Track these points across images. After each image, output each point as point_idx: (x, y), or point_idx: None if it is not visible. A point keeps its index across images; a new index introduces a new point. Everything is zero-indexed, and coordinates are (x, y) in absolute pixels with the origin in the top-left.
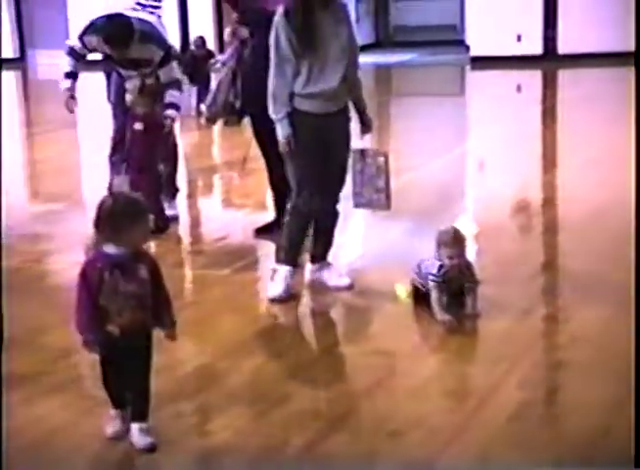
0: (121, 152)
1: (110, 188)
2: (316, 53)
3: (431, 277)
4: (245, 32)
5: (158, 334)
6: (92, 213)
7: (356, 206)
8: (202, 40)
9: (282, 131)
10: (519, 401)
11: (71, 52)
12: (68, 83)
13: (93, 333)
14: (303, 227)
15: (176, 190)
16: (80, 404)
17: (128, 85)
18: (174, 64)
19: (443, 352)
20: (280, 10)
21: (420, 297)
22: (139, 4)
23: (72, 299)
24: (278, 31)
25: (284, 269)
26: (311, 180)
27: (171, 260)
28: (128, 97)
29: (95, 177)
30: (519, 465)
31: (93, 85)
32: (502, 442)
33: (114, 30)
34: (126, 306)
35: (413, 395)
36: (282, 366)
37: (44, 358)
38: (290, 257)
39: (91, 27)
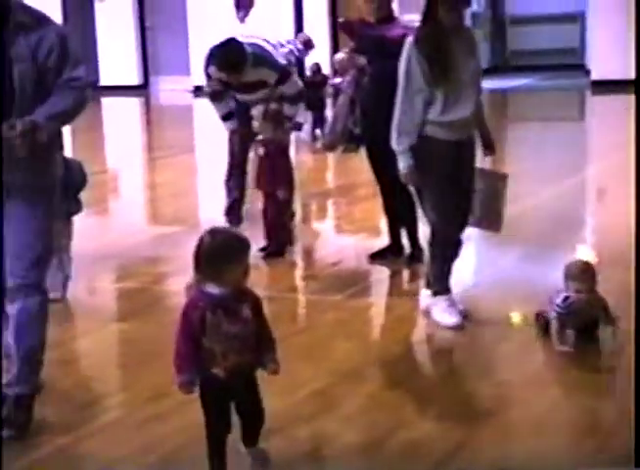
0: (237, 177)
1: (226, 213)
2: (450, 80)
3: (554, 308)
4: (362, 60)
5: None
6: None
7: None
8: (317, 66)
9: (404, 162)
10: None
11: (212, 95)
12: (231, 124)
13: (191, 375)
14: (448, 255)
15: (292, 215)
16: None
17: (254, 111)
18: (295, 77)
19: (564, 383)
20: (410, 39)
21: (547, 327)
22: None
23: None
24: (410, 61)
25: (446, 298)
26: (448, 208)
27: (286, 285)
28: (255, 123)
29: (212, 201)
30: None
31: (210, 111)
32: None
33: (226, 56)
34: (231, 348)
35: (532, 427)
36: (397, 394)
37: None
38: (445, 285)
39: (210, 59)
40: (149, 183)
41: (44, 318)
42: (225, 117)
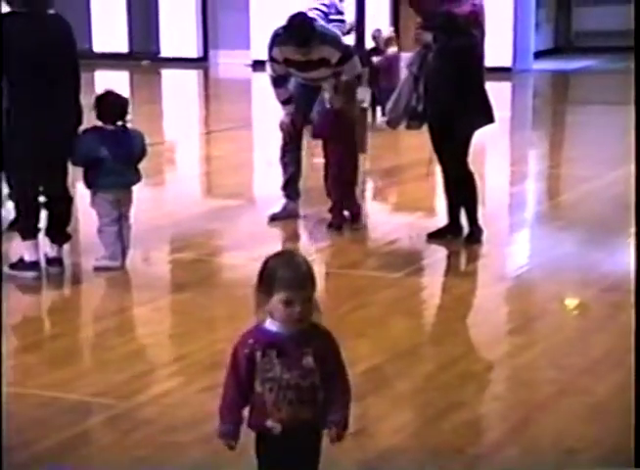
0: (292, 153)
1: (283, 188)
2: None
3: None
4: (428, 37)
5: None
6: (264, 212)
7: None
8: (380, 34)
9: None
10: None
11: (275, 80)
12: (288, 109)
13: (233, 424)
14: None
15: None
16: None
17: (325, 85)
18: (356, 59)
19: (624, 369)
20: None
21: None
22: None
23: (244, 295)
24: None
25: None
26: None
27: (345, 261)
28: (326, 95)
29: (269, 176)
30: None
31: (267, 86)
32: None
33: (298, 30)
34: (283, 399)
35: (592, 411)
36: (453, 374)
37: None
38: None
39: (275, 39)
40: (205, 156)
41: None
42: (285, 102)
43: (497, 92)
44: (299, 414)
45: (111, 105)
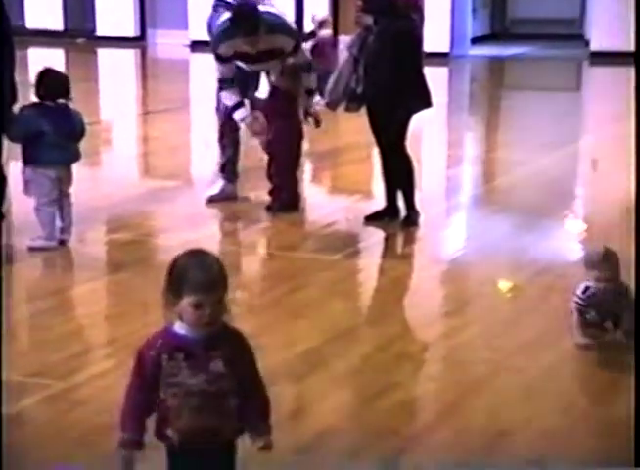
0: (230, 134)
1: (221, 170)
2: None
3: (574, 298)
4: (369, 19)
5: None
6: (202, 193)
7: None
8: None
9: None
10: (632, 407)
11: (222, 83)
12: (240, 113)
13: (135, 433)
14: None
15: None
16: None
17: (271, 68)
18: (304, 47)
19: (556, 351)
20: None
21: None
22: None
23: None
24: None
25: None
26: None
27: (283, 243)
28: (272, 78)
29: (206, 158)
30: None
31: (206, 67)
32: (619, 447)
33: (241, 18)
34: (186, 406)
35: (524, 392)
36: (390, 355)
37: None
38: None
39: (221, 36)
40: (143, 137)
41: None
42: (235, 107)
43: (435, 77)
44: (201, 422)
45: (51, 82)
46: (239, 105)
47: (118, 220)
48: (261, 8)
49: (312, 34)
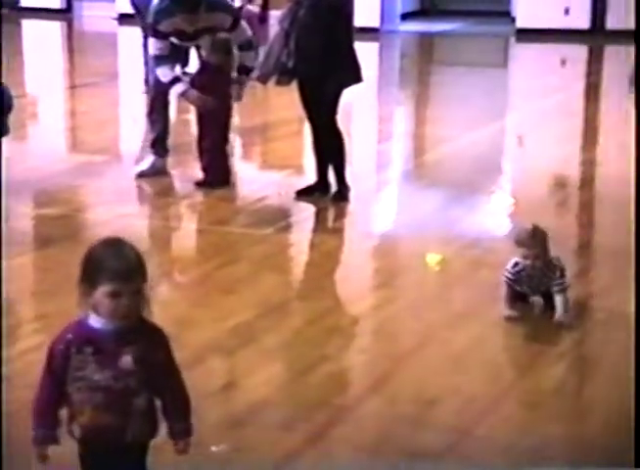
0: (160, 110)
1: (152, 145)
2: None
3: (505, 272)
4: None
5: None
6: (131, 168)
7: None
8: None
9: None
10: (557, 376)
11: (159, 59)
12: (179, 87)
13: (47, 429)
14: None
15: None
16: None
17: (202, 43)
18: (244, 24)
19: (483, 322)
20: None
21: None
22: None
23: None
24: None
25: None
26: None
27: (214, 218)
28: (203, 52)
29: (135, 132)
30: (554, 438)
31: (134, 40)
32: (538, 415)
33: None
34: (89, 401)
35: (452, 363)
36: (321, 328)
37: None
38: None
39: (161, 14)
40: (70, 111)
41: None
42: (172, 82)
43: (365, 52)
44: (104, 420)
45: None
46: (176, 80)
47: (47, 195)
48: None
49: (240, 9)
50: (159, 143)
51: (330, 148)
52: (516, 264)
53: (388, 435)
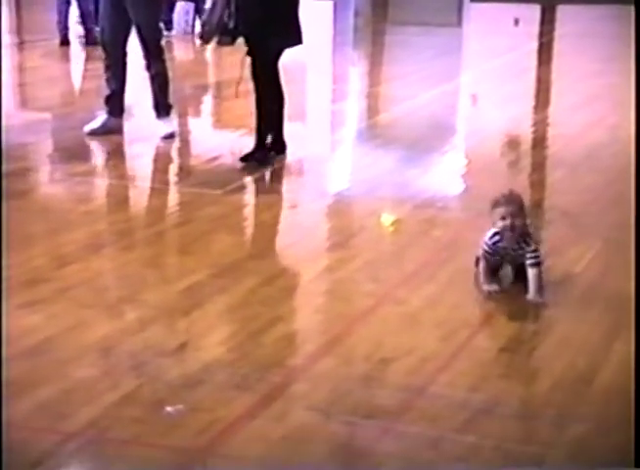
0: (115, 68)
1: (106, 102)
2: None
3: (482, 245)
4: None
5: None
6: (83, 126)
7: None
8: None
9: None
10: (510, 335)
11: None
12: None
13: None
14: None
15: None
16: (76, 313)
17: None
18: None
19: (437, 282)
20: None
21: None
22: None
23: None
24: None
25: None
26: None
27: (166, 178)
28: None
29: (88, 90)
30: (507, 395)
31: None
32: (491, 372)
33: None
34: None
35: (406, 322)
36: (275, 288)
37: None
38: None
39: None
40: (19, 67)
41: None
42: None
43: (319, 11)
44: None
45: None
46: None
47: None
48: None
49: None
50: (113, 101)
51: (269, 106)
52: (493, 235)
53: (343, 394)
